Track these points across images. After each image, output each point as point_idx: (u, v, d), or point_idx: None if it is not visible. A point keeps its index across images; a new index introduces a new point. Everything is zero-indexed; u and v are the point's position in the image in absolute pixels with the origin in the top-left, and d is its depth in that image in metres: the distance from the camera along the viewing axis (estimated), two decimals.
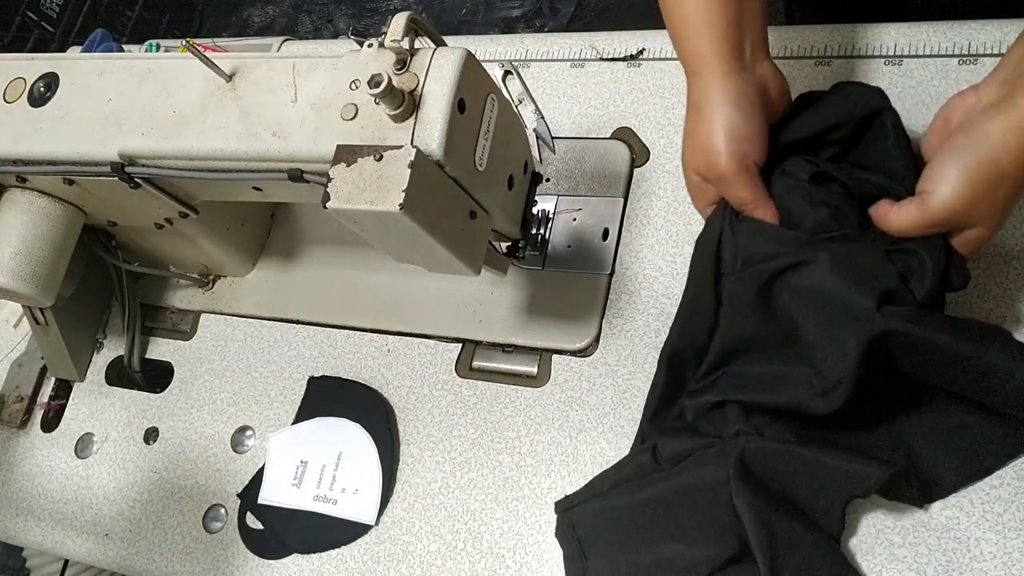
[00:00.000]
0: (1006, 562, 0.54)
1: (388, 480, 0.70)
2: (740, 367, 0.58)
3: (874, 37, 0.71)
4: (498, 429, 0.70)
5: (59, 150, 0.65)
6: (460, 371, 0.73)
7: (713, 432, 0.57)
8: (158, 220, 0.74)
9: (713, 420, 0.58)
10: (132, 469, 0.80)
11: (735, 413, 0.56)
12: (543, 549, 0.65)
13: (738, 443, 0.55)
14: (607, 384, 0.68)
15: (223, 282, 0.86)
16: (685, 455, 0.58)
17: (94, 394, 0.85)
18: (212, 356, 0.82)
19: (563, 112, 0.79)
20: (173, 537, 0.75)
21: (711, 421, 0.58)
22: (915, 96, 0.68)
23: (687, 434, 0.59)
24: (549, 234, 0.74)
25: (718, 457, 0.56)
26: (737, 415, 0.56)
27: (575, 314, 0.71)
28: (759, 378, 0.57)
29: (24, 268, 0.69)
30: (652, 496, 0.58)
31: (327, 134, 0.57)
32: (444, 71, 0.54)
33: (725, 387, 0.58)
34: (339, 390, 0.75)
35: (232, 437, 0.77)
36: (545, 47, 0.83)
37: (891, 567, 0.56)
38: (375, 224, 0.54)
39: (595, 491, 0.62)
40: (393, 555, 0.68)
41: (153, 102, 0.63)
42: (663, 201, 0.72)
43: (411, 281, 0.77)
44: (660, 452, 0.59)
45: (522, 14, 2.01)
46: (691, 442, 0.58)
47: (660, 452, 0.59)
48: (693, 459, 0.57)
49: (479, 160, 0.57)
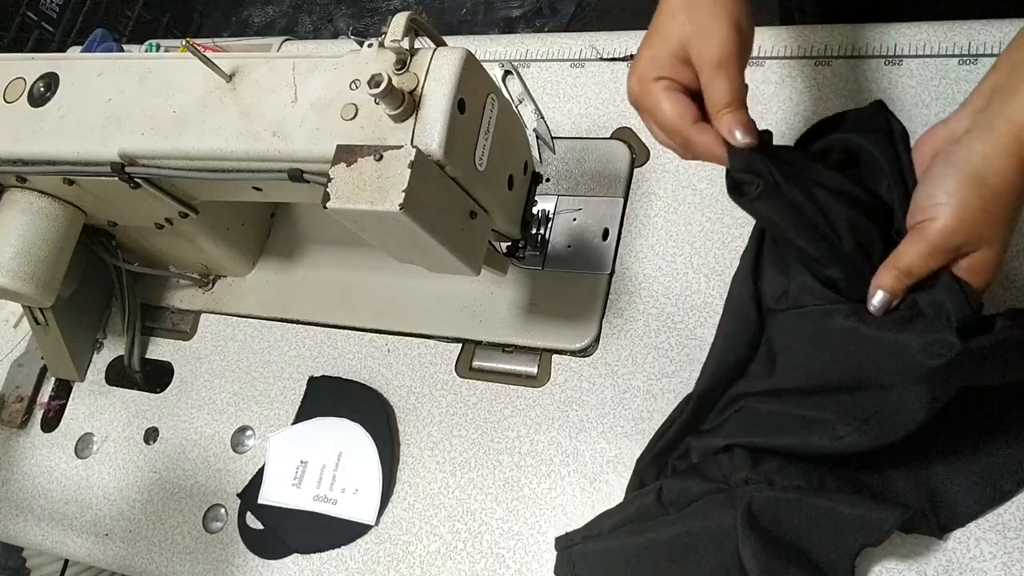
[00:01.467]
0: (1006, 562, 0.54)
1: (388, 480, 0.70)
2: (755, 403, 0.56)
3: (874, 37, 0.71)
4: (498, 429, 0.70)
5: (59, 150, 0.65)
6: (460, 371, 0.73)
7: (720, 477, 0.56)
8: (158, 220, 0.74)
9: (720, 464, 0.56)
10: (132, 469, 0.80)
11: (743, 459, 0.55)
12: (543, 549, 0.65)
13: (747, 492, 0.54)
14: (607, 384, 0.68)
15: (223, 282, 0.86)
16: (691, 499, 0.56)
17: (94, 394, 0.85)
18: (212, 356, 0.82)
19: (563, 112, 0.79)
20: (173, 537, 0.75)
21: (718, 464, 0.56)
22: (915, 96, 0.68)
23: (693, 477, 0.57)
24: (549, 234, 0.74)
25: (725, 504, 0.54)
26: (745, 461, 0.55)
27: (575, 314, 0.71)
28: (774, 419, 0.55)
29: (24, 268, 0.69)
30: (655, 540, 0.57)
31: (327, 134, 0.57)
32: (444, 71, 0.54)
33: (734, 428, 0.57)
34: (339, 390, 0.75)
35: (232, 437, 0.77)
36: (545, 47, 0.83)
37: (891, 566, 0.56)
38: (375, 224, 0.54)
39: (597, 531, 0.60)
40: (393, 555, 0.68)
41: (153, 102, 0.63)
42: (663, 201, 0.72)
43: (411, 281, 0.77)
44: (665, 495, 0.57)
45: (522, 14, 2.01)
46: (697, 486, 0.56)
47: (665, 495, 0.57)
48: (699, 504, 0.56)
49: (479, 160, 0.57)
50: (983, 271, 0.49)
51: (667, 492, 0.57)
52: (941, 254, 0.49)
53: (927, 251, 0.49)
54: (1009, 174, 0.46)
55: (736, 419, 0.57)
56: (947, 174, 0.47)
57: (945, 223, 0.47)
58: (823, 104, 0.70)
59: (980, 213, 0.47)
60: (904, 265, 0.50)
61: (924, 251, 0.49)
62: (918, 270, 0.49)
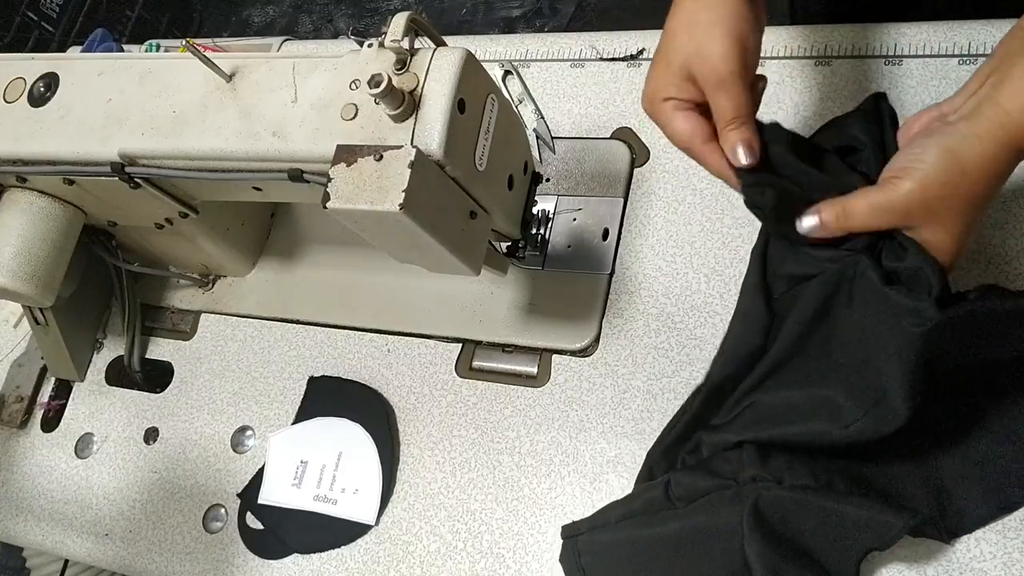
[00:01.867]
0: (1006, 562, 0.54)
1: (388, 480, 0.70)
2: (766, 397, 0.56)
3: (874, 37, 0.71)
4: (498, 429, 0.70)
5: (59, 150, 0.65)
6: (460, 371, 0.73)
7: (729, 473, 0.56)
8: (158, 220, 0.74)
9: (729, 460, 0.56)
10: (132, 469, 0.80)
11: (751, 456, 0.55)
12: (543, 549, 0.65)
13: (754, 489, 0.54)
14: (607, 384, 0.68)
15: (223, 282, 0.86)
16: (698, 495, 0.56)
17: (94, 394, 0.85)
18: (212, 356, 0.82)
19: (563, 112, 0.79)
20: (173, 537, 0.75)
21: (727, 460, 0.56)
22: (915, 96, 0.68)
23: (701, 472, 0.57)
24: (549, 234, 0.74)
25: (732, 501, 0.54)
26: (753, 459, 0.55)
27: (575, 314, 0.71)
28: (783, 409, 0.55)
29: (24, 268, 0.69)
30: (661, 534, 0.57)
31: (327, 134, 0.57)
32: (444, 71, 0.54)
33: (745, 423, 0.56)
34: (339, 390, 0.75)
35: (232, 437, 0.77)
36: (545, 47, 0.83)
37: (891, 566, 0.56)
38: (375, 224, 0.54)
39: (603, 521, 0.60)
40: (393, 555, 0.68)
41: (153, 102, 0.63)
42: (663, 201, 0.72)
43: (411, 281, 0.77)
44: (672, 489, 0.57)
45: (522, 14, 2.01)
46: (705, 481, 0.56)
47: (672, 489, 0.57)
48: (706, 500, 0.56)
49: (479, 160, 0.57)
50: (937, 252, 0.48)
51: (675, 486, 0.57)
52: (888, 215, 0.49)
53: (878, 205, 0.49)
54: (986, 159, 0.46)
55: (747, 414, 0.57)
56: (926, 144, 0.47)
57: (907, 186, 0.47)
58: (823, 104, 0.70)
59: (942, 186, 0.46)
60: (850, 208, 0.50)
61: (876, 203, 0.49)
62: (859, 218, 0.49)
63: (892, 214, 0.48)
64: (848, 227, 0.50)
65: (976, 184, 0.46)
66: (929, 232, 0.48)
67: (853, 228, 0.50)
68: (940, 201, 0.47)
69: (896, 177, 0.48)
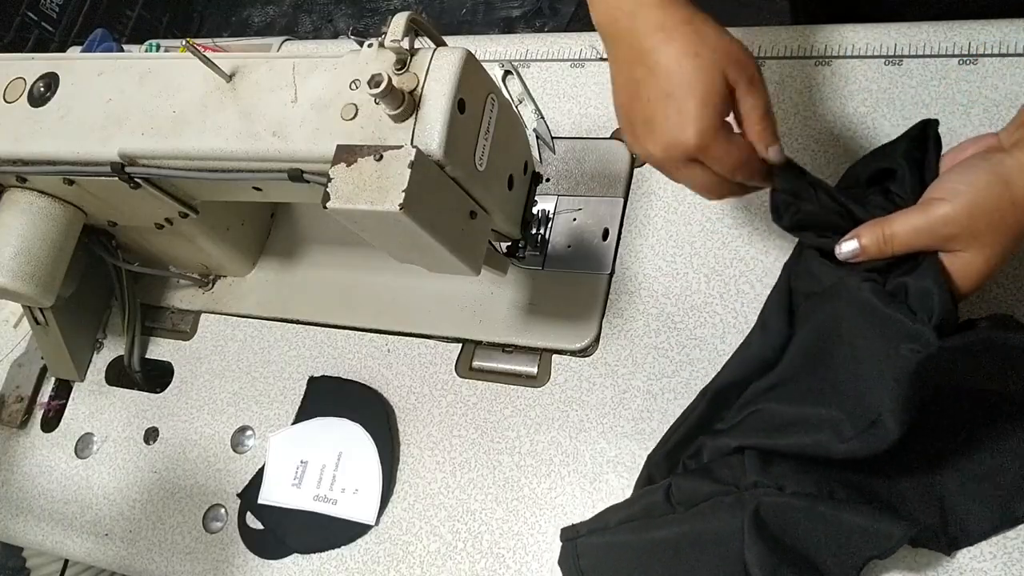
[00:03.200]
0: (1006, 562, 0.54)
1: (388, 480, 0.70)
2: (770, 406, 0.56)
3: (874, 37, 0.71)
4: (498, 429, 0.70)
5: (59, 150, 0.65)
6: (460, 371, 0.73)
7: (730, 479, 0.56)
8: (158, 220, 0.74)
9: (731, 465, 0.56)
10: (132, 469, 0.80)
11: (753, 462, 0.55)
12: (543, 549, 0.65)
13: (755, 495, 0.54)
14: (607, 384, 0.68)
15: (223, 282, 0.86)
16: (699, 499, 0.56)
17: (94, 394, 0.85)
18: (212, 356, 0.82)
19: (563, 112, 0.79)
20: (173, 537, 0.75)
21: (729, 466, 0.56)
22: (915, 96, 0.68)
23: (703, 477, 0.57)
24: (549, 234, 0.74)
25: (733, 506, 0.54)
26: (755, 465, 0.55)
27: (575, 314, 0.71)
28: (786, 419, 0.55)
29: (24, 268, 0.69)
30: (661, 538, 0.57)
31: (327, 134, 0.57)
32: (444, 71, 0.54)
33: (748, 430, 0.56)
34: (339, 390, 0.75)
35: (232, 437, 0.77)
36: (545, 47, 0.83)
37: (891, 566, 0.56)
38: (375, 224, 0.54)
39: (603, 524, 0.60)
40: (393, 555, 0.68)
41: (153, 102, 0.63)
42: (663, 201, 0.72)
43: (411, 281, 0.77)
44: (673, 493, 0.57)
45: (522, 14, 2.01)
46: (707, 487, 0.56)
47: (673, 493, 0.57)
48: (707, 505, 0.56)
49: (479, 160, 0.57)
50: (967, 275, 0.48)
51: (676, 491, 0.57)
52: (932, 237, 0.48)
53: (921, 226, 0.48)
54: None
55: (751, 421, 0.57)
56: (977, 167, 0.47)
57: (953, 208, 0.47)
58: (823, 104, 0.70)
59: (989, 213, 0.46)
60: (891, 230, 0.49)
61: (918, 225, 0.48)
62: (901, 240, 0.49)
63: (934, 236, 0.48)
64: (890, 252, 0.49)
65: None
66: (967, 256, 0.47)
67: (895, 252, 0.49)
68: (987, 227, 0.46)
69: (941, 199, 0.47)
